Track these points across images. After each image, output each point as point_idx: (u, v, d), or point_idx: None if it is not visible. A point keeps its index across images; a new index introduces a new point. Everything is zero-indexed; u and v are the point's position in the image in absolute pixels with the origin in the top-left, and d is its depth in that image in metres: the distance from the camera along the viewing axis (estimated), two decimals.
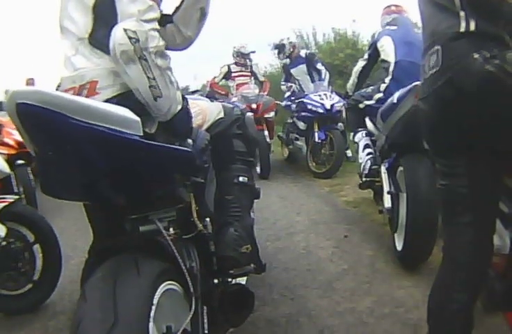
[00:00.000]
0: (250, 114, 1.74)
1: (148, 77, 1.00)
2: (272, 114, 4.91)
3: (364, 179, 2.59)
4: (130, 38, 0.97)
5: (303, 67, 4.97)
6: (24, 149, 4.26)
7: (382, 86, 2.45)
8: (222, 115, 1.53)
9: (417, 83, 1.85)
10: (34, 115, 0.81)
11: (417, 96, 1.71)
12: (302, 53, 5.09)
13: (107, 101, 1.01)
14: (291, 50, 5.03)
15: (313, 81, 4.89)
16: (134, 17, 1.01)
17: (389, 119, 2.13)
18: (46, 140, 0.87)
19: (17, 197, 2.13)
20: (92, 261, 1.08)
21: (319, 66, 4.93)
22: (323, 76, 4.86)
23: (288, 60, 5.12)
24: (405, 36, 2.45)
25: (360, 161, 2.65)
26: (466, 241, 1.05)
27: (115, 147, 0.89)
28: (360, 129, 2.74)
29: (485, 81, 0.90)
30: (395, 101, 2.06)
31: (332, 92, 4.59)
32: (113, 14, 1.05)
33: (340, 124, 4.37)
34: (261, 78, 5.44)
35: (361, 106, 2.62)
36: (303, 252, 2.40)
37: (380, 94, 2.43)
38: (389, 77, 2.40)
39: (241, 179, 1.46)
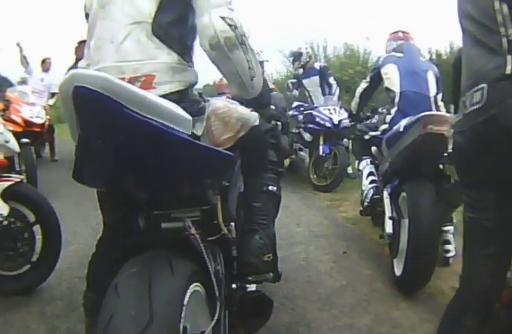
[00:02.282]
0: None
1: (247, 60, 1.09)
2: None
3: (365, 204, 2.63)
4: (230, 25, 1.03)
5: (316, 79, 5.01)
6: (30, 128, 4.28)
7: (388, 117, 2.43)
8: (257, 122, 1.57)
9: (425, 113, 2.01)
10: (91, 99, 0.79)
11: (425, 126, 1.94)
12: (317, 65, 5.15)
13: (163, 97, 1.00)
14: (307, 60, 5.07)
15: (324, 94, 4.96)
16: (223, 5, 1.07)
17: (395, 146, 2.18)
18: (97, 127, 0.85)
19: (22, 177, 2.13)
20: (116, 256, 1.09)
21: (331, 80, 4.99)
22: (333, 90, 4.93)
23: (301, 71, 5.16)
24: (410, 65, 2.45)
25: (363, 188, 2.67)
26: (485, 273, 1.10)
27: (164, 143, 0.88)
28: (364, 157, 2.76)
29: None
30: (401, 129, 2.11)
31: (341, 107, 4.67)
32: (185, 3, 1.10)
33: (345, 140, 4.44)
34: (271, 86, 5.49)
35: (366, 137, 2.66)
36: (303, 264, 2.45)
37: (386, 126, 2.43)
38: (395, 108, 2.38)
39: (270, 188, 1.47)
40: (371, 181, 2.63)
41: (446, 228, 2.25)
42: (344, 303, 1.99)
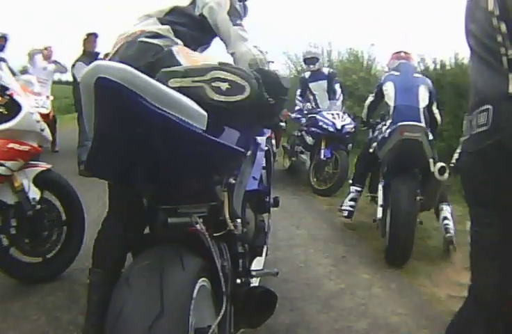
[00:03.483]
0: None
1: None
2: (283, 124, 4.97)
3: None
4: (260, 52, 1.49)
5: (324, 83, 5.03)
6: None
7: (384, 128, 2.87)
8: None
9: (403, 123, 2.58)
10: (112, 91, 0.81)
11: (402, 133, 2.53)
12: (325, 70, 5.18)
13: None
14: (322, 66, 5.15)
15: (330, 99, 4.99)
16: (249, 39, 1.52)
17: (382, 148, 2.75)
18: (115, 118, 0.86)
19: (49, 165, 2.19)
20: (121, 232, 1.15)
21: (337, 87, 5.01)
22: (337, 96, 4.96)
23: (308, 73, 5.18)
24: (405, 83, 2.88)
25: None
26: (493, 283, 1.13)
27: (179, 136, 0.90)
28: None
29: None
30: (386, 135, 2.71)
31: (344, 113, 4.70)
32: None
33: (350, 145, 4.48)
34: None
35: (371, 150, 2.98)
36: (302, 266, 2.48)
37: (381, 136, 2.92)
38: (390, 120, 2.81)
39: None
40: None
41: (442, 206, 2.78)
42: (342, 306, 2.02)
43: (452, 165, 2.16)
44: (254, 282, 1.46)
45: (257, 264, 1.58)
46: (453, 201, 3.02)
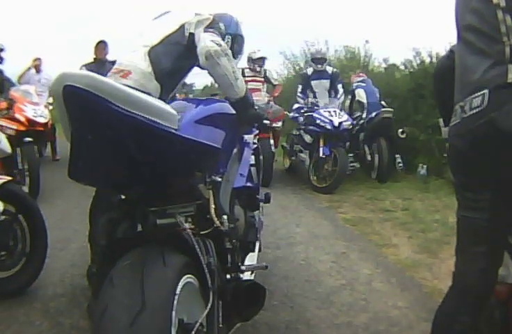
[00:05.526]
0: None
1: (232, 66, 1.55)
2: (280, 124, 4.98)
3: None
4: (216, 44, 1.55)
5: (327, 82, 5.06)
6: (34, 128, 4.30)
7: (364, 116, 4.99)
8: None
9: (383, 109, 4.87)
10: (79, 97, 0.83)
11: (383, 114, 4.79)
12: (329, 69, 5.18)
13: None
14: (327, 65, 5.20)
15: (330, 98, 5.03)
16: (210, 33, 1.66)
17: (370, 124, 4.87)
18: (86, 124, 0.88)
19: (9, 178, 2.10)
20: (112, 249, 1.12)
21: (339, 87, 5.03)
22: (338, 96, 4.98)
23: (311, 70, 5.18)
24: (369, 89, 5.11)
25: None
26: (478, 269, 1.14)
27: (152, 138, 0.92)
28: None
29: None
30: (373, 116, 4.85)
31: (341, 110, 4.71)
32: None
33: (348, 143, 4.49)
34: (275, 82, 5.48)
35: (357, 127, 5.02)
36: (302, 263, 2.48)
37: (363, 121, 5.01)
38: (365, 111, 4.98)
39: None
40: None
41: (396, 156, 4.87)
42: (342, 301, 2.02)
43: (446, 155, 2.17)
44: (247, 277, 1.47)
45: (250, 259, 1.59)
46: None
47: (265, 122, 1.73)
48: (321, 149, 4.47)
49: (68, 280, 2.24)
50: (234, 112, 1.53)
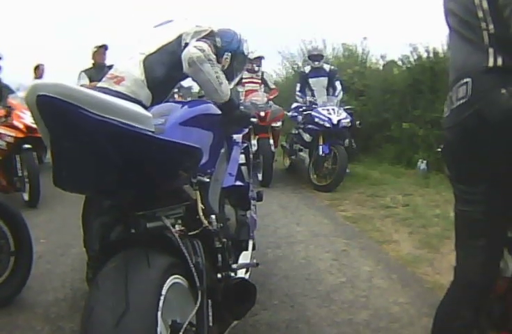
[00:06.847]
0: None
1: (215, 71, 1.59)
2: (279, 123, 4.98)
3: None
4: (199, 50, 1.58)
5: (324, 80, 5.04)
6: (32, 134, 4.28)
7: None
8: None
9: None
10: (53, 106, 0.85)
11: None
12: (326, 66, 5.17)
13: None
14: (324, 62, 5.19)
15: (328, 95, 5.00)
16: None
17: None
18: (62, 132, 0.89)
19: None
20: (102, 253, 1.13)
21: (337, 84, 5.02)
22: (336, 93, 4.96)
23: (308, 68, 5.17)
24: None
25: None
26: (478, 263, 1.12)
27: (128, 141, 0.93)
28: None
29: (510, 114, 0.97)
30: None
31: (340, 107, 4.70)
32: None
33: (347, 140, 4.47)
34: (272, 86, 5.48)
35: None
36: (303, 262, 2.48)
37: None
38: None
39: None
40: None
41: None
42: (343, 299, 2.01)
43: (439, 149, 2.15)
44: (241, 276, 1.46)
45: (244, 258, 1.58)
46: None
47: (252, 120, 1.74)
48: (320, 147, 4.45)
49: (69, 285, 2.24)
50: (219, 112, 1.54)
